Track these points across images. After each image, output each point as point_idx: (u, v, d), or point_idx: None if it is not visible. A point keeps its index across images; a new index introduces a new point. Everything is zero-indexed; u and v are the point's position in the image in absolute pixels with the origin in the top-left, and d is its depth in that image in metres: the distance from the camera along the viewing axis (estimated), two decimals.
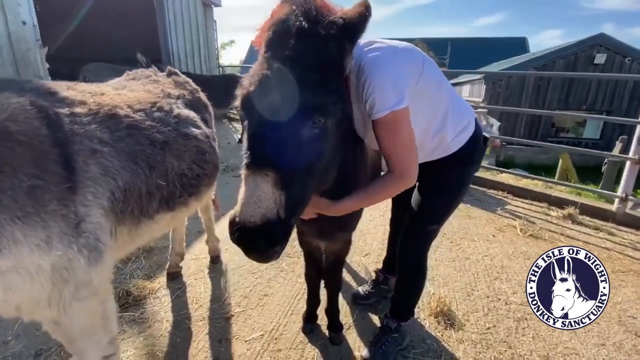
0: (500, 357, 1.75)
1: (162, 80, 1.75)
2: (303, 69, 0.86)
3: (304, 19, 0.89)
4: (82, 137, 1.06)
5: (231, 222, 0.82)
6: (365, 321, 1.98)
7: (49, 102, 1.06)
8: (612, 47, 12.66)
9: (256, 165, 0.83)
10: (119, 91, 1.43)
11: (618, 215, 3.49)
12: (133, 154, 1.20)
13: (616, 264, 2.68)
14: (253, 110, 0.88)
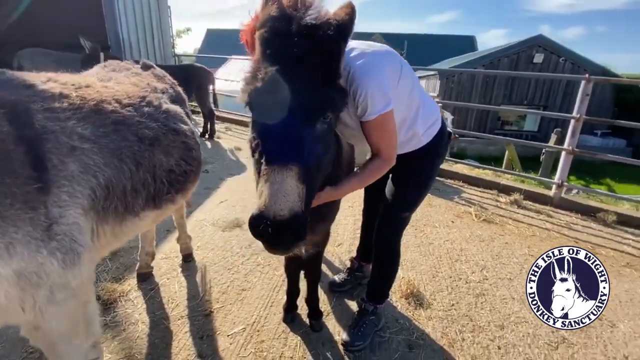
0: (464, 330, 1.95)
1: (144, 73, 1.67)
2: (313, 68, 0.90)
3: (304, 19, 0.92)
4: (57, 134, 0.99)
5: (257, 216, 0.83)
6: (343, 307, 2.08)
7: (20, 97, 0.98)
8: (549, 47, 14.04)
9: (281, 161, 0.86)
10: (106, 83, 1.34)
11: (555, 200, 3.96)
12: (118, 150, 1.15)
13: (555, 242, 3.07)
14: (267, 107, 0.91)
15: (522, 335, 1.93)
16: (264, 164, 0.87)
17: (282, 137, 0.88)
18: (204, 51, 29.65)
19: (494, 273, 2.54)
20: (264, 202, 0.83)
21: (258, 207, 0.84)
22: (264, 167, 0.87)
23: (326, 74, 0.94)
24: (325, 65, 0.94)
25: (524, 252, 2.86)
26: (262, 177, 0.87)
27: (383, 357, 1.73)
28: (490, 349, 1.83)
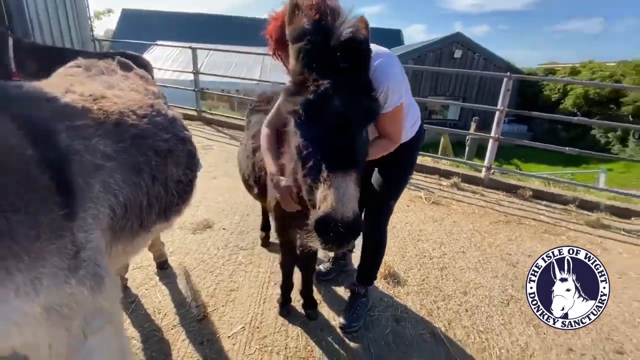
0: (437, 300, 2.25)
1: (131, 75, 1.51)
2: (358, 80, 0.98)
3: (344, 33, 0.98)
4: (82, 153, 0.90)
5: (326, 218, 0.89)
6: (332, 294, 2.22)
7: (43, 114, 0.86)
8: (466, 44, 15.82)
9: (343, 169, 0.92)
10: (114, 92, 1.20)
11: (485, 181, 4.62)
12: (137, 166, 1.08)
13: (491, 217, 3.62)
14: (320, 118, 0.96)
15: (481, 297, 2.31)
16: (326, 172, 0.93)
17: (341, 146, 0.95)
18: (119, 34, 26.26)
19: (450, 248, 2.92)
20: (331, 205, 0.89)
21: (324, 210, 0.90)
22: (326, 174, 0.93)
23: (368, 85, 1.03)
24: (366, 77, 1.04)
25: (469, 228, 3.34)
26: (325, 182, 0.93)
27: (377, 333, 1.92)
28: (460, 312, 2.15)
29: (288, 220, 1.57)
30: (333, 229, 0.89)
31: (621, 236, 3.47)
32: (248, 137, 1.94)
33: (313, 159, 0.98)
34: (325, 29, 0.99)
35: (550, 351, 1.89)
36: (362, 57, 1.01)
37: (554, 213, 3.90)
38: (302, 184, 1.04)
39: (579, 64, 16.79)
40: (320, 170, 0.94)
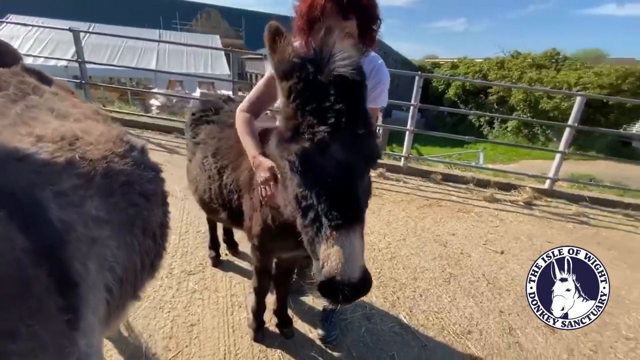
0: (395, 290, 2.44)
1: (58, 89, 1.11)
2: (359, 120, 0.88)
3: (338, 67, 0.88)
4: (77, 227, 0.65)
5: (331, 281, 0.81)
6: (300, 306, 2.19)
7: (21, 180, 0.57)
8: None
9: (348, 223, 0.82)
10: (79, 125, 0.84)
11: (404, 169, 5.15)
12: (129, 221, 0.82)
13: (417, 202, 4.07)
14: (319, 169, 0.85)
15: (428, 280, 2.60)
16: (329, 227, 0.83)
17: (344, 199, 0.85)
18: None
19: (392, 237, 3.19)
20: (336, 266, 0.80)
21: (329, 272, 0.81)
22: (329, 230, 0.83)
23: (368, 123, 0.93)
24: (366, 115, 0.94)
25: (403, 215, 3.69)
26: (327, 239, 0.83)
27: (353, 336, 1.99)
28: (416, 298, 2.39)
29: (272, 241, 1.45)
30: (340, 292, 0.82)
31: (509, 207, 4.33)
32: (205, 155, 1.69)
33: (314, 212, 0.87)
34: (316, 62, 0.89)
35: (488, 316, 2.27)
36: (360, 89, 0.92)
37: (460, 193, 4.61)
38: (303, 233, 0.94)
39: (456, 60, 19.98)
40: (322, 225, 0.85)
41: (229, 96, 2.10)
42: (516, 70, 14.78)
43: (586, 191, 5.06)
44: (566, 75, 13.32)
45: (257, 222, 1.40)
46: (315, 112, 0.87)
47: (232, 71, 5.26)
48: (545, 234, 3.67)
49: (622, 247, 3.51)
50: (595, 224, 4.10)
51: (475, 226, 3.66)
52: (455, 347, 1.99)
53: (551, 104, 12.99)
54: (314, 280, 0.89)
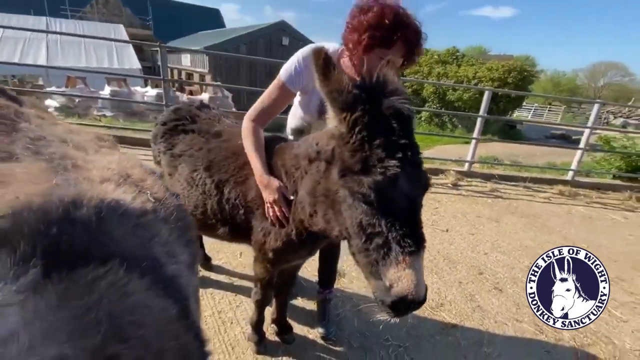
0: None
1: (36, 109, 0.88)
2: (416, 151, 0.98)
3: (398, 101, 0.97)
4: (182, 279, 0.58)
5: (404, 301, 0.91)
6: (294, 309, 2.21)
7: (134, 238, 0.48)
8: (291, 32, 17.02)
9: (419, 250, 0.93)
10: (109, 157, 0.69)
11: None
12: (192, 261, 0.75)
13: None
14: (392, 199, 0.92)
15: None
16: (401, 254, 0.91)
17: (414, 228, 0.94)
18: None
19: None
20: (409, 288, 0.90)
21: (402, 292, 0.90)
22: (402, 256, 0.91)
23: (417, 150, 1.00)
24: (418, 147, 1.01)
25: None
26: (399, 264, 0.91)
27: (350, 328, 2.11)
28: None
29: (289, 253, 1.45)
30: (410, 308, 0.94)
31: (441, 190, 4.96)
32: (194, 168, 1.56)
33: (382, 238, 0.94)
34: (376, 95, 0.97)
35: (452, 288, 2.63)
36: (412, 122, 1.02)
37: None
38: (363, 256, 1.00)
39: None
40: (392, 250, 0.92)
41: (202, 102, 1.96)
42: (426, 65, 16.62)
43: (493, 170, 6.06)
44: (465, 70, 15.58)
45: (279, 236, 1.39)
46: (384, 146, 0.94)
47: (162, 71, 4.78)
48: (474, 210, 4.32)
49: (529, 214, 4.36)
50: (506, 197, 4.97)
51: None
52: (435, 319, 2.28)
53: (455, 95, 15.04)
54: (377, 297, 0.98)
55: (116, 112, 10.90)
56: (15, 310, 0.38)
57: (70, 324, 0.38)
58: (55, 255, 0.43)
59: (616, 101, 30.13)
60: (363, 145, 0.95)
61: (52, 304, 0.39)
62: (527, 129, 19.32)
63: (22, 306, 0.38)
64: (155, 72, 21.08)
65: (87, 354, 0.36)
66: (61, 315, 0.38)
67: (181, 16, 32.23)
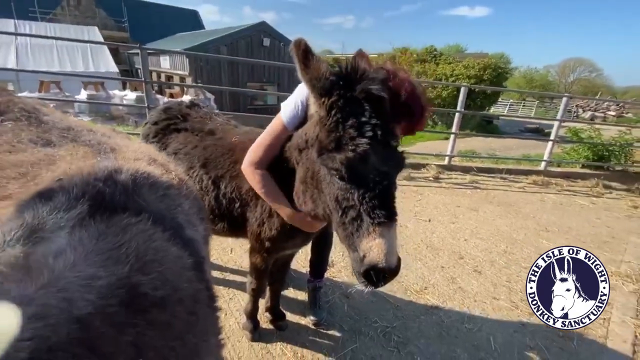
0: None
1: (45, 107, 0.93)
2: (391, 133, 1.06)
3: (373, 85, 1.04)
4: (198, 243, 0.66)
5: (375, 269, 0.96)
6: (286, 299, 2.30)
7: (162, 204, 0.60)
8: (272, 34, 17.01)
9: (388, 219, 0.98)
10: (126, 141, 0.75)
11: None
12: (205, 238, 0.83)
13: None
14: (362, 174, 1.00)
15: None
16: (372, 223, 0.98)
17: (384, 200, 1.00)
18: None
19: None
20: (379, 257, 0.96)
21: (373, 261, 0.96)
22: (372, 227, 0.97)
23: (396, 135, 1.08)
24: (393, 128, 1.08)
25: None
26: (370, 234, 0.98)
27: (340, 314, 2.22)
28: None
29: (285, 241, 1.54)
30: (381, 277, 0.99)
31: (423, 183, 5.15)
32: (191, 166, 1.61)
33: (355, 211, 1.00)
34: (350, 80, 1.04)
35: (435, 273, 2.78)
36: (386, 105, 1.06)
37: None
38: (341, 229, 1.07)
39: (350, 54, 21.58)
40: (363, 221, 0.99)
41: (192, 101, 2.01)
42: (405, 64, 16.99)
43: (472, 163, 6.32)
44: (443, 68, 16.07)
45: (273, 225, 1.48)
46: (355, 126, 1.02)
47: (143, 73, 4.72)
48: (454, 201, 4.53)
49: (505, 203, 4.60)
50: (484, 188, 5.22)
51: (404, 201, 4.27)
52: (419, 302, 2.41)
53: (435, 93, 15.47)
54: (354, 269, 1.05)
55: (94, 117, 10.62)
56: (65, 234, 0.48)
57: (105, 253, 0.48)
58: (100, 202, 0.54)
59: (585, 95, 31.64)
60: (337, 126, 1.03)
61: (93, 236, 0.49)
62: (503, 123, 20.09)
63: (70, 232, 0.49)
64: (132, 75, 20.57)
65: (116, 278, 0.45)
66: (99, 246, 0.48)
67: (158, 17, 31.51)
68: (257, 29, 16.45)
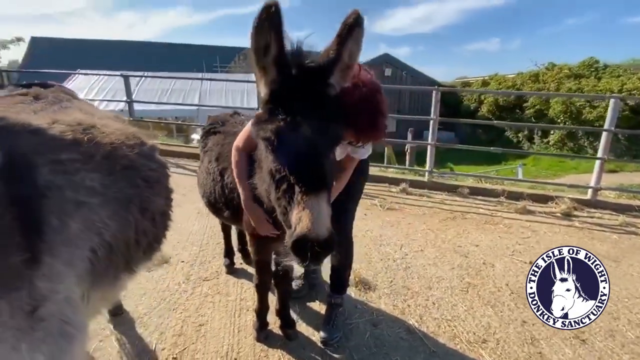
0: (406, 298, 2.36)
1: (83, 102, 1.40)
2: (325, 107, 1.04)
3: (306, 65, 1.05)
4: (64, 189, 0.81)
5: (303, 239, 0.90)
6: (308, 311, 2.20)
7: (25, 147, 0.76)
8: (394, 63, 17.36)
9: (316, 188, 0.95)
10: (100, 120, 1.09)
11: (429, 184, 5.03)
12: (127, 199, 1.00)
13: (440, 216, 3.94)
14: (291, 144, 0.99)
15: (444, 289, 2.48)
16: (299, 194, 0.95)
17: (312, 168, 0.98)
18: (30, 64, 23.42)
19: (409, 248, 3.11)
20: (307, 226, 0.91)
21: (300, 232, 0.91)
22: (300, 196, 0.95)
23: (330, 110, 1.05)
24: (330, 103, 1.06)
25: (423, 228, 3.59)
26: (298, 204, 0.95)
27: (357, 340, 1.95)
28: (429, 306, 2.28)
29: (265, 239, 1.55)
30: (309, 249, 0.92)
31: (543, 218, 4.03)
32: (210, 160, 1.88)
33: (286, 182, 1.00)
34: (289, 60, 1.03)
35: (508, 326, 2.10)
36: (322, 81, 1.06)
37: (489, 205, 4.38)
38: (277, 205, 1.06)
39: (487, 77, 19.48)
40: (293, 192, 0.97)
41: (236, 111, 2.33)
42: (552, 81, 14.04)
43: (636, 200, 4.56)
44: (608, 82, 12.37)
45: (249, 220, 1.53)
46: (287, 98, 1.02)
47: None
48: (584, 245, 3.33)
49: None
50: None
51: (503, 237, 3.44)
52: (467, 354, 1.86)
53: (594, 114, 12.02)
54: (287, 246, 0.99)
55: None
56: None
57: None
58: None
59: None
60: (271, 98, 1.05)
61: None
62: None
63: None
64: None
65: None
66: None
67: None
68: (379, 61, 17.13)
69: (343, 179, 1.64)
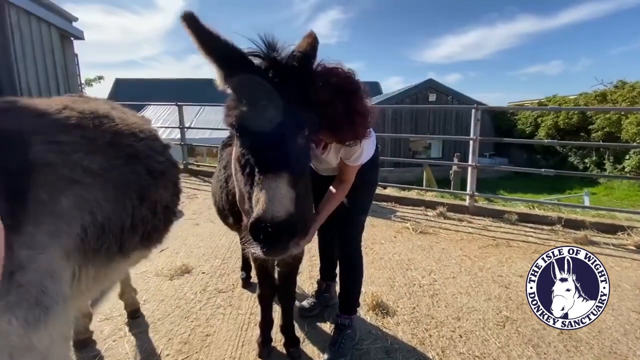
0: (429, 327, 2.11)
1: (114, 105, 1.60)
2: (288, 93, 1.03)
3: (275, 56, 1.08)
4: (57, 166, 0.90)
5: (257, 220, 0.88)
6: (316, 331, 2.07)
7: (25, 126, 0.88)
8: (439, 89, 17.02)
9: (273, 170, 0.94)
10: (118, 113, 1.25)
11: (470, 209, 4.64)
12: (125, 184, 1.07)
13: (479, 242, 3.57)
14: (253, 127, 1.00)
15: (475, 321, 2.18)
16: (258, 175, 0.96)
17: (271, 150, 0.97)
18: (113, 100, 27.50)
19: (440, 275, 2.83)
20: (262, 207, 0.89)
21: (257, 213, 0.90)
22: (258, 177, 0.95)
23: (300, 97, 1.06)
24: (297, 90, 1.06)
25: (458, 254, 3.26)
26: (257, 186, 0.94)
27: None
28: (454, 339, 2.01)
29: None
30: (264, 231, 0.87)
31: (610, 250, 3.43)
32: (219, 168, 1.96)
33: (249, 165, 1.01)
34: (259, 52, 1.07)
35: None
36: (289, 73, 1.06)
37: (541, 234, 3.88)
38: (245, 192, 1.05)
39: (544, 98, 17.96)
40: (254, 175, 0.97)
41: None
42: (623, 101, 12.45)
43: None
44: None
45: None
46: (252, 85, 1.03)
47: None
48: None
49: None
50: None
51: None
52: None
53: None
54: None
55: None
56: None
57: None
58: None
59: None
60: (238, 89, 1.06)
61: None
62: None
63: None
64: None
65: None
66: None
67: None
68: (424, 86, 16.90)
69: (343, 189, 1.60)
